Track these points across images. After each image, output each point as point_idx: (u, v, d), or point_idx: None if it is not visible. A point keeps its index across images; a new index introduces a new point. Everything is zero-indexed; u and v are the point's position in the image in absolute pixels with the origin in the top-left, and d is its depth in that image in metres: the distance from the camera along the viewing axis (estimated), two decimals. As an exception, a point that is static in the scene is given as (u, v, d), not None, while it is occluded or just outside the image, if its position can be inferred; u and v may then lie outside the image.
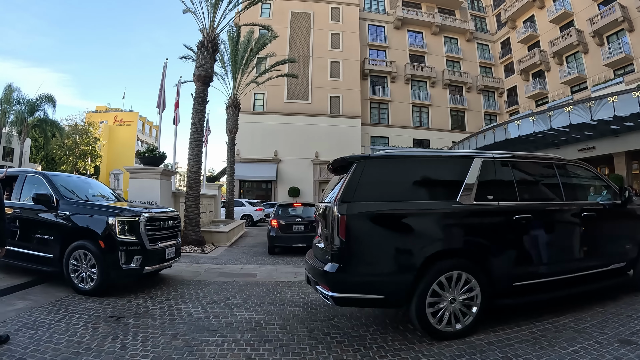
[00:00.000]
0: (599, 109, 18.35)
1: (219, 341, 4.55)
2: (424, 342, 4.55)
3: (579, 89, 33.90)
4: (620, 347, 4.21)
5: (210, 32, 14.54)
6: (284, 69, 29.98)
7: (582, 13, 33.40)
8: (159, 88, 16.16)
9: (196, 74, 14.32)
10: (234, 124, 24.78)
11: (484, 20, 46.97)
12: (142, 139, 67.70)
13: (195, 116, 14.34)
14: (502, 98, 44.26)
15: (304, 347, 4.43)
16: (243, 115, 27.75)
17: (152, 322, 5.11)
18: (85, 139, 47.63)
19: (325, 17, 39.64)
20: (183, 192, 14.93)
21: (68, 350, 4.17)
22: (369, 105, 40.67)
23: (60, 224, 6.81)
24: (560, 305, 5.64)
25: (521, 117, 25.17)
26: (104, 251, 6.42)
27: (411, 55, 42.52)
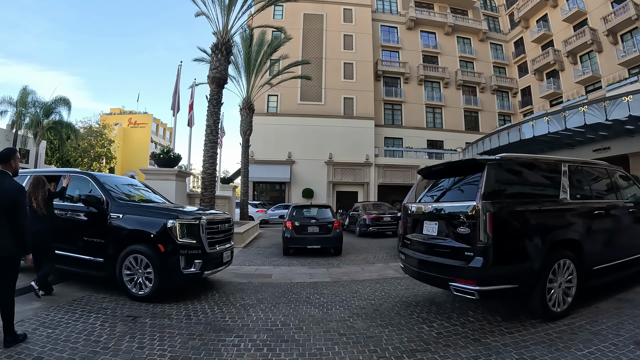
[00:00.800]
0: (614, 108, 18.10)
1: (236, 341, 4.56)
2: (440, 343, 4.54)
3: (594, 88, 33.52)
4: (636, 349, 4.17)
5: (223, 34, 14.62)
6: (297, 71, 30.02)
7: (595, 11, 33.02)
8: (173, 90, 16.29)
9: (210, 76, 14.40)
10: (248, 125, 24.87)
11: (497, 19, 46.63)
12: (156, 140, 68.24)
13: (209, 118, 14.43)
14: (516, 98, 43.88)
15: (320, 347, 4.43)
16: (257, 117, 27.86)
17: (169, 322, 5.14)
18: (100, 141, 48.17)
19: (338, 18, 39.64)
20: (197, 193, 15.01)
21: (85, 349, 4.20)
22: (382, 106, 40.53)
23: (112, 227, 6.55)
24: (575, 306, 5.57)
25: (535, 117, 24.91)
26: (163, 255, 6.22)
27: (424, 55, 42.32)
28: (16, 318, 4.42)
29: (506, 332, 4.82)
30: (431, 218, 5.76)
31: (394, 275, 8.75)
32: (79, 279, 6.86)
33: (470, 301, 5.93)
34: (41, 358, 3.97)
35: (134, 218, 6.59)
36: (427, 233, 5.82)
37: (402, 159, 38.18)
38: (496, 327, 5.02)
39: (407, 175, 37.54)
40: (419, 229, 6.04)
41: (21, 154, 32.67)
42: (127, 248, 6.34)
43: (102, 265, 6.49)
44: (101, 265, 6.49)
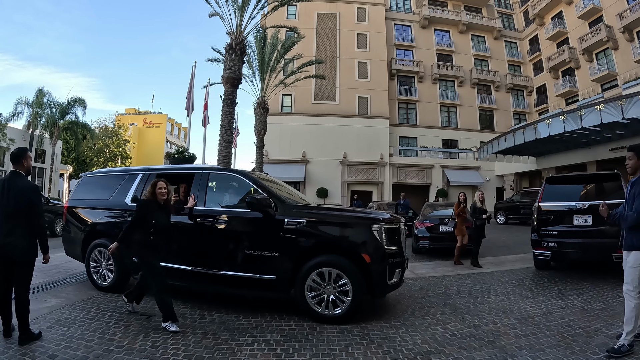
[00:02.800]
0: (631, 107, 17.80)
1: (249, 341, 4.58)
2: (454, 345, 4.53)
3: (610, 86, 33.03)
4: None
5: (237, 34, 14.66)
6: (311, 70, 29.97)
7: (610, 8, 32.45)
8: (188, 91, 16.43)
9: (225, 76, 14.45)
10: (263, 125, 24.95)
11: (511, 17, 46.08)
12: (171, 140, 68.71)
13: (224, 118, 14.48)
14: (532, 97, 43.36)
15: (334, 348, 4.42)
16: (271, 116, 27.93)
17: (183, 321, 5.16)
18: (115, 140, 48.65)
19: (351, 17, 39.55)
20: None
21: (100, 347, 4.24)
22: (396, 105, 40.35)
23: (288, 237, 5.56)
24: (591, 310, 5.62)
25: (551, 116, 24.62)
26: (368, 266, 5.33)
27: (438, 54, 42.03)
28: (31, 316, 4.46)
29: (521, 335, 4.81)
30: (584, 212, 7.90)
31: (408, 275, 8.71)
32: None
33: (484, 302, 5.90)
34: (56, 356, 4.01)
35: (321, 224, 5.72)
36: (580, 223, 7.94)
37: (417, 159, 38.01)
38: (511, 330, 5.00)
39: (422, 174, 37.41)
40: (568, 221, 8.12)
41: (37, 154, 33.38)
42: (312, 261, 5.43)
43: (273, 283, 5.55)
44: (272, 283, 5.55)
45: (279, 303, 6.10)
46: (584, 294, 6.68)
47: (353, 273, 5.27)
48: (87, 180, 8.00)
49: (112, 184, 7.34)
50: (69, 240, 7.66)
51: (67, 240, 7.71)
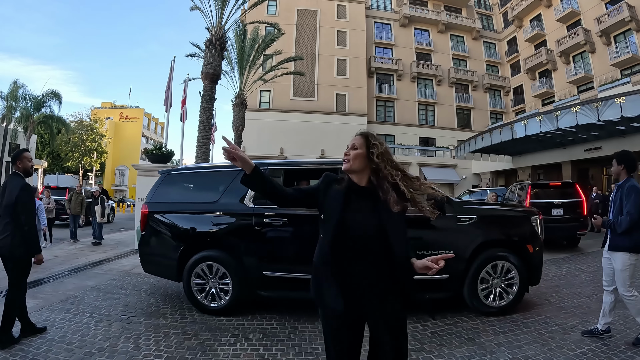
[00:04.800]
0: (606, 109, 18.19)
1: (232, 341, 4.54)
2: (434, 342, 4.56)
3: (586, 88, 33.72)
4: (627, 350, 4.24)
5: (217, 29, 14.53)
6: (290, 67, 29.92)
7: (589, 12, 33.14)
8: (166, 86, 16.18)
9: (204, 71, 14.31)
10: (241, 121, 24.79)
11: (491, 18, 46.70)
12: (148, 135, 67.86)
13: (202, 114, 14.34)
14: (508, 97, 44.03)
15: (316, 347, 4.40)
16: (249, 112, 27.76)
17: (164, 322, 5.10)
18: (91, 135, 47.76)
19: (332, 14, 39.54)
20: (190, 189, 14.91)
21: (81, 350, 4.16)
22: (374, 103, 40.56)
23: (461, 234, 5.46)
24: (568, 306, 5.75)
25: (528, 116, 25.01)
26: (532, 256, 5.61)
27: (417, 53, 42.34)
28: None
29: (499, 332, 4.86)
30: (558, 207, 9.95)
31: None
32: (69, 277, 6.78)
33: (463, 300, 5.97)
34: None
35: (489, 219, 5.79)
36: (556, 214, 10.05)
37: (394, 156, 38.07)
38: (490, 327, 5.06)
39: (399, 172, 37.59)
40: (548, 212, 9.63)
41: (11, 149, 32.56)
42: (482, 255, 5.46)
43: (445, 282, 5.36)
44: (444, 282, 5.36)
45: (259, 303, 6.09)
46: (559, 292, 6.78)
47: (519, 264, 5.48)
48: (172, 179, 6.47)
49: (217, 182, 6.25)
50: (153, 254, 6.22)
51: (150, 254, 6.24)
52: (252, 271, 5.52)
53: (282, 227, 5.55)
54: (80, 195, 13.39)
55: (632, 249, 4.35)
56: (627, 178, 4.56)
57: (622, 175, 4.60)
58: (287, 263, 5.60)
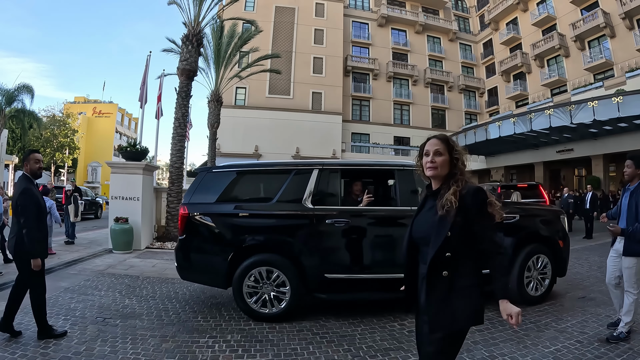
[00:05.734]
0: (579, 112, 18.71)
1: (210, 342, 4.49)
2: (412, 341, 4.52)
3: (559, 91, 34.59)
4: (601, 347, 4.34)
5: (195, 25, 14.32)
6: (266, 64, 29.82)
7: (564, 17, 33.98)
8: (141, 81, 15.95)
9: (180, 67, 14.08)
10: (216, 118, 24.56)
11: (468, 20, 47.43)
12: (121, 131, 66.59)
13: (178, 111, 14.11)
14: (483, 98, 44.83)
15: (295, 347, 4.40)
16: (225, 109, 27.50)
17: (141, 324, 5.01)
18: (63, 130, 46.65)
19: (310, 12, 39.48)
20: (164, 187, 14.74)
21: (57, 355, 4.04)
22: (350, 101, 40.77)
23: (512, 230, 5.85)
24: (541, 304, 5.87)
25: (502, 117, 25.48)
26: (562, 250, 6.17)
27: (394, 53, 42.74)
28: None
29: (475, 330, 4.86)
30: None
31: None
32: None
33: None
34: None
35: (528, 218, 6.22)
36: None
37: (369, 155, 38.43)
38: (466, 325, 5.10)
39: (374, 171, 37.85)
40: None
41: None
42: (527, 249, 5.88)
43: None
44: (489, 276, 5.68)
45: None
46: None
47: (551, 258, 5.99)
48: (215, 178, 5.96)
49: (270, 182, 5.97)
50: (195, 260, 5.73)
51: (192, 260, 5.74)
52: (313, 274, 5.39)
53: (344, 227, 5.48)
54: (52, 192, 13.11)
55: None
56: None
57: (637, 178, 4.50)
58: (351, 264, 5.54)
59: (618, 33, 29.70)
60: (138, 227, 11.34)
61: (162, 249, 11.82)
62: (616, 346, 4.33)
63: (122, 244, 10.71)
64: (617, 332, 4.51)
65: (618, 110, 17.42)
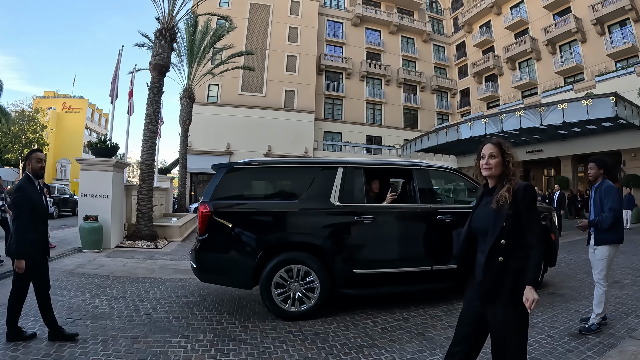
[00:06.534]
0: (549, 114, 19.14)
1: (182, 342, 4.44)
2: (385, 338, 4.65)
3: (530, 93, 35.42)
4: (571, 341, 4.48)
5: (168, 20, 14.10)
6: (240, 61, 29.60)
7: (537, 22, 34.84)
8: (113, 76, 15.64)
9: (152, 62, 13.85)
10: (188, 115, 24.31)
11: (442, 22, 48.08)
12: (92, 127, 64.99)
13: (149, 107, 13.88)
14: (455, 99, 45.52)
15: (268, 345, 4.40)
16: (197, 106, 27.23)
17: (111, 324, 4.91)
18: (32, 126, 45.27)
19: (285, 10, 39.25)
20: (135, 185, 14.52)
21: (26, 357, 3.92)
22: (323, 100, 40.79)
23: None
24: None
25: (473, 118, 25.90)
26: (553, 243, 6.82)
27: (368, 52, 42.94)
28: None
29: (448, 326, 5.00)
30: None
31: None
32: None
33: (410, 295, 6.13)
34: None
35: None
36: None
37: (341, 154, 38.26)
38: (438, 321, 5.22)
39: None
40: None
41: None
42: None
43: None
44: None
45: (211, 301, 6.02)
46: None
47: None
48: (237, 174, 5.83)
49: (296, 179, 5.92)
50: (219, 260, 5.55)
51: (215, 261, 5.57)
52: (342, 270, 5.47)
53: (371, 224, 5.61)
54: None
55: (616, 242, 4.80)
56: (603, 180, 4.95)
57: (600, 178, 4.98)
58: (377, 260, 5.74)
59: (589, 38, 30.61)
60: (108, 225, 11.12)
61: (132, 247, 11.64)
62: (586, 340, 4.48)
63: (92, 243, 10.49)
64: (589, 323, 4.74)
65: (587, 112, 17.88)
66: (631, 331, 4.72)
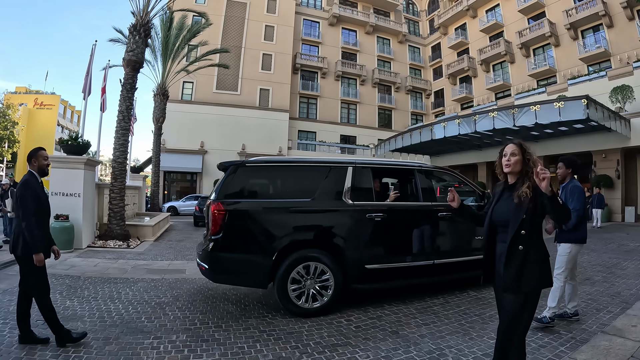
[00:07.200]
0: (521, 115, 19.49)
1: (155, 343, 4.40)
2: (359, 337, 4.68)
3: (503, 95, 36.15)
4: (544, 337, 4.61)
5: (143, 15, 13.92)
6: (215, 59, 29.42)
7: (512, 25, 35.50)
8: (86, 71, 15.29)
9: (126, 58, 13.66)
10: (162, 112, 24.07)
11: (417, 24, 48.58)
12: (63, 124, 63.56)
13: (122, 103, 13.68)
14: (429, 99, 46.07)
15: (242, 345, 4.38)
16: (171, 103, 26.98)
17: (83, 326, 4.83)
18: (3, 122, 44.14)
19: (261, 8, 39.02)
20: (107, 183, 14.30)
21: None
22: (298, 99, 40.76)
23: None
24: (485, 298, 6.14)
25: (447, 118, 26.19)
26: None
27: (343, 52, 43.08)
28: None
29: (422, 324, 5.07)
30: None
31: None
32: None
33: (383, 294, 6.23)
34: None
35: None
36: None
37: (315, 153, 38.30)
38: (412, 319, 5.28)
39: (320, 169, 38.05)
40: None
41: None
42: None
43: None
44: None
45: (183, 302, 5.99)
46: (478, 284, 7.15)
47: None
48: (246, 172, 5.79)
49: (308, 178, 5.93)
50: (236, 260, 5.49)
51: (231, 261, 5.48)
52: (354, 266, 5.65)
53: (380, 221, 5.88)
54: None
55: (578, 241, 4.96)
56: (570, 179, 5.10)
57: (568, 177, 5.12)
58: (387, 255, 6.03)
59: (562, 42, 31.34)
60: (79, 224, 10.94)
61: (104, 247, 11.48)
62: (559, 335, 4.62)
63: (63, 243, 10.27)
64: (541, 316, 4.89)
65: (559, 114, 18.25)
66: (603, 326, 4.87)
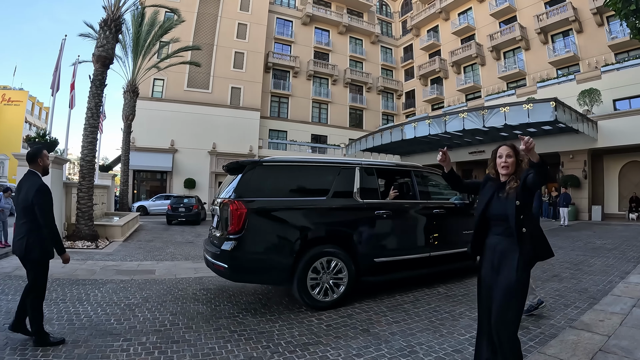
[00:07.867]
0: (491, 117, 19.91)
1: (124, 345, 4.36)
2: (330, 335, 4.73)
3: (474, 97, 36.78)
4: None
5: (114, 10, 13.72)
6: (186, 56, 29.14)
7: (483, 29, 36.25)
8: (55, 67, 15.01)
9: (96, 54, 13.45)
10: (131, 110, 23.72)
11: (390, 25, 49.00)
12: (31, 121, 61.67)
13: (91, 100, 13.46)
14: (400, 100, 46.55)
15: (213, 346, 4.38)
16: (141, 101, 26.61)
17: (50, 328, 4.72)
18: (-31, 119, 42.68)
19: (235, 6, 38.62)
20: (75, 182, 14.05)
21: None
22: (269, 98, 40.57)
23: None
24: (455, 295, 6.29)
25: (418, 119, 26.54)
26: None
27: (316, 52, 43.13)
28: None
29: (392, 322, 5.15)
30: None
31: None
32: None
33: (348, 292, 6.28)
34: None
35: None
36: None
37: (286, 152, 38.21)
38: (382, 317, 5.35)
39: (291, 168, 38.04)
40: None
41: None
42: None
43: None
44: None
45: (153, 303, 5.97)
46: (447, 281, 7.32)
47: None
48: (263, 171, 5.92)
49: (320, 177, 6.21)
50: (258, 258, 5.59)
51: (254, 260, 5.58)
52: (365, 260, 6.12)
53: (387, 218, 6.44)
54: None
55: None
56: None
57: None
58: (393, 248, 6.60)
59: (532, 46, 32.20)
60: (45, 224, 10.71)
61: (72, 248, 11.27)
62: (528, 330, 4.76)
63: (29, 243, 10.07)
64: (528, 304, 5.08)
65: (528, 116, 18.76)
66: (571, 321, 5.05)
